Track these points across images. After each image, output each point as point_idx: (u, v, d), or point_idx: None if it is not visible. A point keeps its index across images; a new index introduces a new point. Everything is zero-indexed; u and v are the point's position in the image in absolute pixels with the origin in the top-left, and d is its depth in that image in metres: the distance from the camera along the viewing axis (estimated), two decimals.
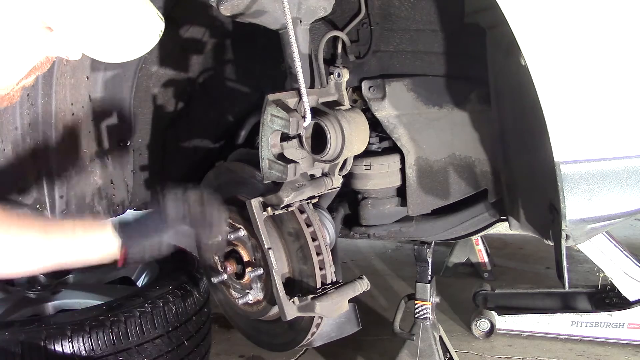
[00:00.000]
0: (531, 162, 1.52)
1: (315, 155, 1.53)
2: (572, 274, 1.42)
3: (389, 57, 1.81)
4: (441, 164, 1.83)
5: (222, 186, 1.85)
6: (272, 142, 1.48)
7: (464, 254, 3.67)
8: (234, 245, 1.69)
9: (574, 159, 1.29)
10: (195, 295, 2.09)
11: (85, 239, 1.22)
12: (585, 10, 1.23)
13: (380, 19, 1.76)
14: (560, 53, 1.24)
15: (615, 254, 2.73)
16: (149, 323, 1.87)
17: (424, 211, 1.91)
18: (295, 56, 1.40)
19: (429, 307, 2.21)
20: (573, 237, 1.39)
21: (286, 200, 1.49)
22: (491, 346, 2.84)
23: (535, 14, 1.22)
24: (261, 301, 1.69)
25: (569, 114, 1.26)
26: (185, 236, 1.35)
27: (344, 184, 1.75)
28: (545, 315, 2.85)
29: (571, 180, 1.29)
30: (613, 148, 1.30)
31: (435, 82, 1.75)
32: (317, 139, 1.51)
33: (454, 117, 1.75)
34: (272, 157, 1.48)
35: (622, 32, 1.24)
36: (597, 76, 1.26)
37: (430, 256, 2.17)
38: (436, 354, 2.21)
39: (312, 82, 1.65)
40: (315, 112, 1.49)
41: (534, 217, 1.62)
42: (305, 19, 1.56)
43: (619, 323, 2.73)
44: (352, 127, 1.52)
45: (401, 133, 1.81)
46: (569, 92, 1.25)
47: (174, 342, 1.94)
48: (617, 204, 1.32)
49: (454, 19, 1.63)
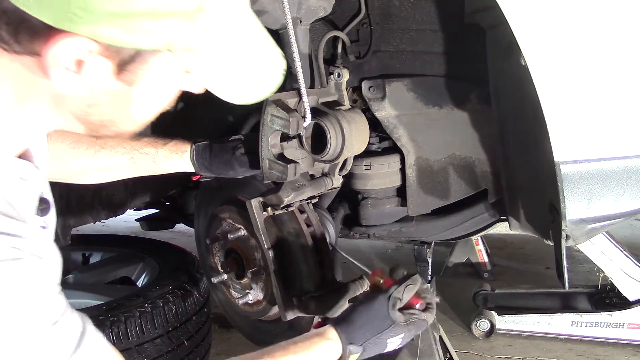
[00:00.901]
0: (531, 162, 1.52)
1: (315, 155, 1.53)
2: (572, 274, 1.42)
3: (389, 57, 1.81)
4: (441, 164, 1.83)
5: (222, 186, 1.85)
6: (272, 142, 1.48)
7: (464, 254, 3.67)
8: (234, 245, 1.69)
9: (574, 159, 1.28)
10: (195, 295, 2.09)
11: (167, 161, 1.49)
12: (585, 11, 1.23)
13: (380, 19, 1.76)
14: (560, 53, 1.23)
15: (615, 254, 2.72)
16: (149, 323, 1.88)
17: (424, 211, 1.91)
18: (295, 56, 1.40)
19: None
20: (573, 237, 1.38)
21: (286, 200, 1.49)
22: (491, 346, 2.84)
23: (535, 14, 1.22)
24: (261, 301, 1.69)
25: (569, 113, 1.26)
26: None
27: (344, 184, 1.75)
28: (545, 315, 2.85)
29: (571, 180, 1.29)
30: (613, 148, 1.30)
31: (435, 82, 1.75)
32: (317, 139, 1.51)
33: (454, 117, 1.75)
34: (272, 157, 1.48)
35: (621, 32, 1.24)
36: (597, 76, 1.26)
37: (430, 256, 2.17)
38: (436, 354, 2.21)
39: (312, 82, 1.65)
40: (316, 112, 1.49)
41: (534, 217, 1.62)
42: (305, 19, 1.56)
43: (619, 323, 2.73)
44: (352, 127, 1.52)
45: (401, 133, 1.81)
46: (569, 92, 1.25)
47: (174, 342, 1.94)
48: (617, 204, 1.32)
49: (454, 19, 1.63)
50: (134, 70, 0.78)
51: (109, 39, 0.72)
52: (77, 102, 0.81)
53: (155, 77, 0.81)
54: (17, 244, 0.74)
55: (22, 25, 0.72)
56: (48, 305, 0.77)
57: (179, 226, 3.26)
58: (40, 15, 0.69)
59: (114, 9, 0.69)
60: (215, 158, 1.53)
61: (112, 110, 0.83)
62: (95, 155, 1.40)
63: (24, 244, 0.75)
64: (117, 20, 0.70)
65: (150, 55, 0.77)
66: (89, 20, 0.69)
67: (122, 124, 0.86)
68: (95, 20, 0.70)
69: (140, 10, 0.71)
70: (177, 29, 0.74)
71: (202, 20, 0.75)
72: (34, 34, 0.73)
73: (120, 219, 2.68)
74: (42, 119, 0.84)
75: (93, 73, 0.76)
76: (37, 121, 0.84)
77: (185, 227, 3.22)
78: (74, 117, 0.84)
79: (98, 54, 0.74)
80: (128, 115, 0.85)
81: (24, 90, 0.80)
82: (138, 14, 0.71)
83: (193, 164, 1.53)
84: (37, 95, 0.80)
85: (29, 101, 0.81)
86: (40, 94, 0.80)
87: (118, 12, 0.70)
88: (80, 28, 0.70)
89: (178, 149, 1.51)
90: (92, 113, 0.83)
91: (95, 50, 0.73)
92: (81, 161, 1.40)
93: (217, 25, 0.78)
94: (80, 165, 1.40)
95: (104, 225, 3.83)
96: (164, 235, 3.37)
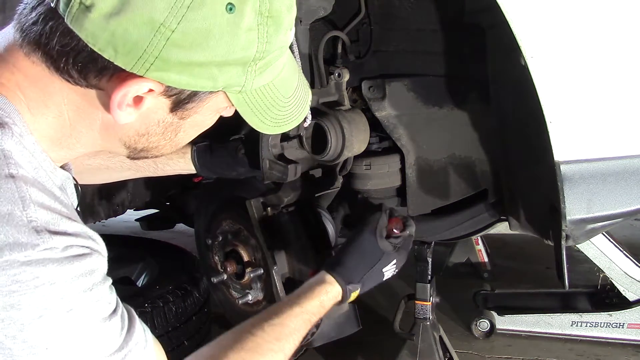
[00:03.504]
0: (531, 162, 1.52)
1: (316, 155, 1.53)
2: (572, 274, 1.42)
3: (389, 57, 1.80)
4: (441, 164, 1.83)
5: (222, 186, 1.85)
6: (272, 142, 1.48)
7: (464, 254, 3.67)
8: (234, 245, 1.70)
9: (574, 158, 1.29)
10: (195, 295, 2.09)
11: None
12: (585, 11, 1.23)
13: (380, 19, 1.76)
14: (560, 53, 1.24)
15: (615, 254, 2.72)
16: (149, 323, 1.87)
17: (424, 211, 1.91)
18: (295, 56, 1.40)
19: (429, 307, 2.21)
20: (573, 237, 1.38)
21: (286, 200, 1.49)
22: (491, 346, 2.84)
23: (535, 14, 1.22)
24: (261, 301, 1.69)
25: (569, 113, 1.26)
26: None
27: (344, 184, 1.75)
28: (545, 315, 2.84)
29: (571, 180, 1.29)
30: (613, 148, 1.30)
31: (435, 82, 1.74)
32: (318, 139, 1.51)
33: (454, 117, 1.75)
34: (273, 158, 1.48)
35: (621, 32, 1.24)
36: (597, 76, 1.26)
37: (430, 256, 2.17)
38: (436, 354, 2.22)
39: (312, 82, 1.65)
40: (316, 113, 1.49)
41: (534, 217, 1.62)
42: (305, 18, 1.56)
43: (619, 323, 2.73)
44: (352, 127, 1.52)
45: (401, 133, 1.81)
46: (569, 92, 1.25)
47: (174, 342, 1.94)
48: (617, 204, 1.32)
49: (454, 19, 1.63)
50: (189, 108, 0.84)
51: (174, 83, 0.78)
52: (129, 131, 0.86)
53: (206, 112, 0.87)
54: (84, 243, 0.78)
55: (92, 65, 0.77)
56: (111, 295, 0.82)
57: (179, 226, 3.26)
58: (115, 60, 0.74)
59: (187, 59, 0.75)
60: (216, 159, 1.53)
61: (160, 138, 0.88)
62: (96, 155, 1.41)
63: (90, 243, 0.80)
64: (187, 68, 0.76)
65: (207, 95, 0.83)
66: (161, 68, 0.75)
67: (164, 149, 0.92)
68: (167, 68, 0.75)
69: (210, 61, 0.77)
70: (236, 74, 0.81)
71: (257, 66, 0.82)
72: (102, 73, 0.77)
73: (120, 219, 2.68)
74: (90, 142, 0.88)
75: (150, 108, 0.82)
76: (84, 143, 0.88)
77: (185, 227, 3.23)
78: (122, 143, 0.88)
79: (158, 94, 0.80)
80: (172, 142, 0.91)
81: (78, 116, 0.83)
82: (208, 64, 0.77)
83: (194, 165, 1.53)
84: (90, 122, 0.85)
85: (81, 126, 0.85)
86: (93, 122, 0.84)
87: (190, 62, 0.76)
88: (151, 74, 0.76)
89: (179, 150, 1.52)
90: (140, 141, 0.88)
91: (157, 91, 0.79)
92: (82, 161, 1.40)
93: (267, 69, 0.84)
94: (81, 165, 1.40)
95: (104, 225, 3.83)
96: (164, 235, 3.37)
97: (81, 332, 0.76)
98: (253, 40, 0.79)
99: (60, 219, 0.76)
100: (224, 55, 0.77)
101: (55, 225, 0.75)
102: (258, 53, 0.80)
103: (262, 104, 0.88)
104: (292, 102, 0.94)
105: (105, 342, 0.79)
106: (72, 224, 0.78)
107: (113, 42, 0.73)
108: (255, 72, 0.83)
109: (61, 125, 0.83)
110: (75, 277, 0.75)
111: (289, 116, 0.94)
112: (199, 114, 0.87)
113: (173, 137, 0.90)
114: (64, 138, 0.85)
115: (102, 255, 0.82)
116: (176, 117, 0.85)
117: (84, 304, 0.76)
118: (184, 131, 0.90)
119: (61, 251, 0.74)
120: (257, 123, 0.91)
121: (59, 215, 0.76)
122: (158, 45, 0.73)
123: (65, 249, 0.75)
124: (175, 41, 0.73)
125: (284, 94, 0.91)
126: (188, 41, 0.74)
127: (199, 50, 0.75)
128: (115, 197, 2.25)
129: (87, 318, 0.77)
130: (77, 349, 0.76)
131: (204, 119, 0.90)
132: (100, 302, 0.79)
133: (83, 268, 0.76)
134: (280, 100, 0.91)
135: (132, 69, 0.75)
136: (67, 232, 0.76)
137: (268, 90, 0.88)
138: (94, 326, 0.78)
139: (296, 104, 0.95)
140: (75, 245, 0.76)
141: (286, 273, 1.62)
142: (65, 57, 0.76)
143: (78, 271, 0.75)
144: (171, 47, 0.74)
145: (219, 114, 0.93)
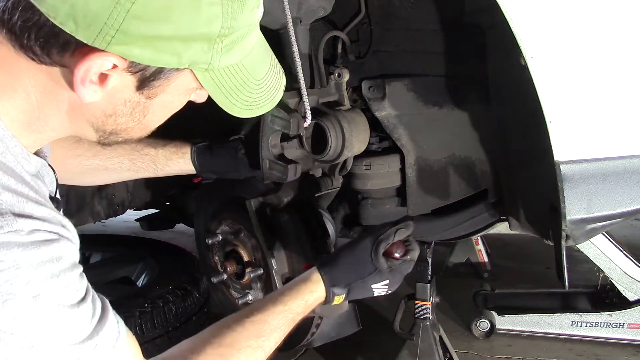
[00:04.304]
0: (531, 162, 1.52)
1: (316, 155, 1.53)
2: (572, 274, 1.42)
3: (389, 57, 1.80)
4: (441, 164, 1.83)
5: (222, 186, 1.85)
6: (272, 142, 1.48)
7: (464, 254, 3.67)
8: (234, 245, 1.69)
9: (574, 158, 1.29)
10: (195, 295, 2.09)
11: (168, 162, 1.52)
12: (585, 11, 1.23)
13: (380, 18, 1.76)
14: (560, 53, 1.24)
15: (615, 254, 2.72)
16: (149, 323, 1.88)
17: (424, 211, 1.91)
18: (295, 56, 1.40)
19: (429, 307, 2.21)
20: (573, 237, 1.38)
21: (286, 200, 1.49)
22: (491, 346, 2.84)
23: (535, 14, 1.22)
24: None
25: (569, 113, 1.26)
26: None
27: (344, 184, 1.75)
28: (545, 315, 2.84)
29: (571, 180, 1.29)
30: (613, 148, 1.30)
31: (435, 82, 1.74)
32: (318, 139, 1.51)
33: (454, 117, 1.75)
34: (273, 158, 1.48)
35: (621, 32, 1.24)
36: (597, 76, 1.26)
37: (430, 256, 2.17)
38: (436, 354, 2.21)
39: (312, 82, 1.65)
40: (316, 113, 1.49)
41: (534, 217, 1.62)
42: (305, 19, 1.56)
43: (619, 323, 2.72)
44: (352, 127, 1.52)
45: (401, 133, 1.81)
46: (569, 92, 1.25)
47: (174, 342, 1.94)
48: (617, 204, 1.32)
49: (453, 19, 1.63)
50: (155, 86, 0.83)
51: (138, 58, 0.77)
52: (95, 111, 0.85)
53: (174, 92, 0.86)
54: (51, 228, 0.78)
55: (54, 40, 0.76)
56: (80, 283, 0.82)
57: (179, 226, 3.25)
58: (76, 34, 0.73)
59: (149, 33, 0.75)
60: (215, 159, 1.53)
61: (128, 120, 0.87)
62: (95, 156, 1.41)
63: (58, 229, 0.79)
64: (149, 42, 0.76)
65: (172, 73, 0.83)
66: (123, 41, 0.74)
67: (133, 131, 0.91)
68: (129, 41, 0.74)
69: (173, 35, 0.76)
70: (202, 51, 0.80)
71: (223, 44, 0.81)
72: (64, 49, 0.77)
73: (120, 219, 2.68)
74: (59, 124, 0.87)
75: (116, 87, 0.81)
76: (53, 126, 0.87)
77: (185, 227, 3.22)
78: (89, 125, 0.87)
79: (122, 70, 0.79)
80: (141, 124, 0.90)
81: (45, 98, 0.83)
82: (170, 38, 0.76)
83: (194, 165, 1.53)
84: (57, 103, 0.84)
85: (49, 108, 0.84)
86: (60, 102, 0.84)
87: (152, 35, 0.75)
88: (113, 47, 0.75)
89: (178, 150, 1.52)
90: (108, 122, 0.87)
91: (121, 67, 0.78)
92: (81, 162, 1.40)
93: (235, 47, 0.83)
94: (80, 166, 1.40)
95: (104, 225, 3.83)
96: (164, 235, 3.37)
97: (48, 318, 0.76)
98: (217, 14, 0.78)
99: (27, 202, 0.76)
100: (187, 30, 0.76)
101: (20, 208, 0.75)
102: (223, 29, 0.79)
103: (232, 85, 0.88)
104: (264, 86, 0.93)
105: (73, 330, 0.79)
106: (39, 207, 0.77)
107: (73, 15, 0.72)
108: (222, 49, 0.82)
109: (30, 108, 0.83)
110: (41, 263, 0.74)
111: (260, 99, 0.94)
112: (167, 94, 0.86)
113: (141, 119, 0.89)
114: (33, 121, 0.84)
115: (72, 242, 0.82)
116: (143, 97, 0.84)
117: (51, 290, 0.76)
118: (153, 112, 0.89)
119: (27, 235, 0.73)
120: (228, 105, 0.91)
121: (25, 198, 0.76)
122: (118, 17, 0.72)
123: (31, 232, 0.74)
124: (135, 13, 0.72)
125: (254, 75, 0.90)
126: (149, 13, 0.73)
127: (160, 23, 0.74)
128: (115, 197, 2.25)
129: (54, 304, 0.76)
130: (44, 335, 0.76)
131: (172, 100, 0.89)
132: (69, 289, 0.78)
133: (50, 254, 0.76)
134: (250, 82, 0.90)
135: (93, 42, 0.74)
136: (32, 215, 0.76)
137: (237, 70, 0.87)
138: (62, 313, 0.77)
139: (268, 87, 0.94)
140: (42, 229, 0.76)
141: (286, 273, 1.62)
142: (27, 33, 0.76)
143: (45, 256, 0.75)
144: (132, 20, 0.73)
145: (188, 95, 0.92)
